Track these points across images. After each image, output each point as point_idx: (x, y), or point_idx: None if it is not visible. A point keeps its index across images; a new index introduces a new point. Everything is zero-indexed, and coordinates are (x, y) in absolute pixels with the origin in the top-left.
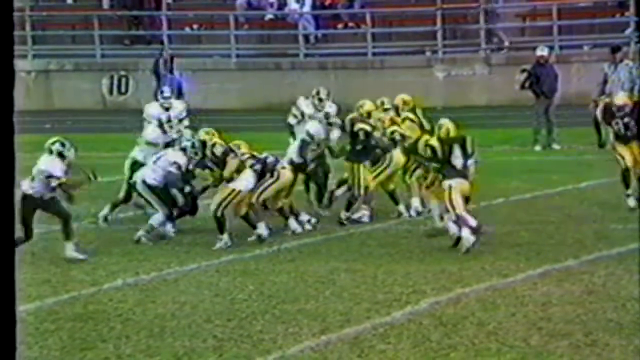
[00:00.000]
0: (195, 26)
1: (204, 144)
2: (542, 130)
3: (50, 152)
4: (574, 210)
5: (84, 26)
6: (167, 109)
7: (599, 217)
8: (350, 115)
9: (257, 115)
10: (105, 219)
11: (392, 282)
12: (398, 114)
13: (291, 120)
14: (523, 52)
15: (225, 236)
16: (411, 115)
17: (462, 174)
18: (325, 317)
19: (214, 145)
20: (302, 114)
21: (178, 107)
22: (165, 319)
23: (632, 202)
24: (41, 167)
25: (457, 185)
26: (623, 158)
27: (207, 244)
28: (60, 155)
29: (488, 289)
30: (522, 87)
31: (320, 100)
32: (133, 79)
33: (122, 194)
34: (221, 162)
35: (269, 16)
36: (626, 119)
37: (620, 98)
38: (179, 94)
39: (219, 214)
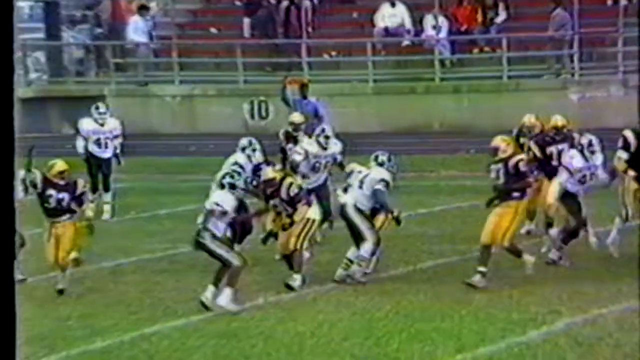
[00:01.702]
0: (333, 53)
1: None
2: None
3: (222, 186)
4: None
5: (227, 54)
6: (102, 125)
7: None
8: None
9: (393, 138)
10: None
11: (527, 302)
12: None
13: (296, 157)
14: None
15: (299, 276)
16: None
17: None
18: (460, 336)
19: (290, 185)
20: (307, 153)
21: (111, 124)
22: (304, 337)
23: None
24: (214, 201)
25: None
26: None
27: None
28: (232, 187)
29: (626, 310)
30: None
31: (327, 137)
32: (273, 104)
33: None
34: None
35: (405, 42)
36: None
37: None
38: (315, 117)
39: (298, 247)
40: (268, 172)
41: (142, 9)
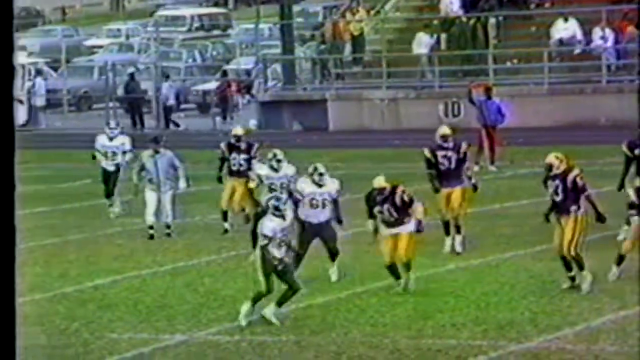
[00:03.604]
0: (515, 61)
1: (550, 167)
2: None
3: (267, 208)
4: None
5: (427, 63)
6: (111, 140)
7: None
8: None
9: (564, 132)
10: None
11: None
12: None
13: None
14: None
15: (586, 273)
16: None
17: None
18: (623, 295)
19: (403, 192)
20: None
21: (120, 139)
22: (489, 295)
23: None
24: (261, 227)
25: None
26: None
27: (525, 234)
28: (277, 210)
29: None
30: None
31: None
32: (464, 105)
33: None
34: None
35: (577, 51)
36: None
37: None
38: (499, 115)
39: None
40: (380, 181)
41: (427, 27)
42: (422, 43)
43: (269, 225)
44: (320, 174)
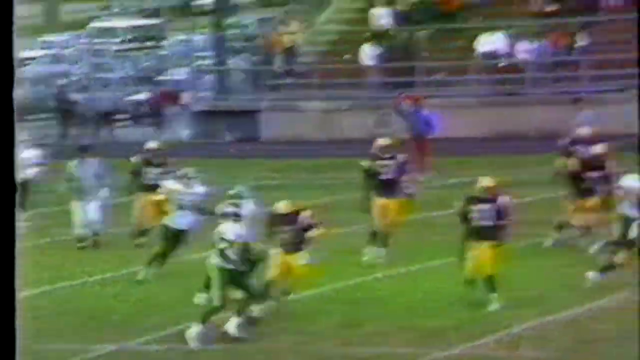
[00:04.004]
0: (444, 73)
1: (486, 190)
2: None
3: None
4: None
5: (358, 76)
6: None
7: None
8: None
9: (492, 142)
10: None
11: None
12: None
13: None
14: None
15: (495, 296)
16: None
17: None
18: (542, 303)
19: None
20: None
21: (33, 152)
22: (415, 303)
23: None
24: (221, 231)
25: None
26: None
27: (452, 243)
28: (237, 215)
29: None
30: None
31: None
32: (394, 116)
33: None
34: None
35: (502, 64)
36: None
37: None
38: (428, 126)
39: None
40: (284, 205)
41: (374, 38)
42: (367, 55)
43: (231, 229)
44: (241, 197)
